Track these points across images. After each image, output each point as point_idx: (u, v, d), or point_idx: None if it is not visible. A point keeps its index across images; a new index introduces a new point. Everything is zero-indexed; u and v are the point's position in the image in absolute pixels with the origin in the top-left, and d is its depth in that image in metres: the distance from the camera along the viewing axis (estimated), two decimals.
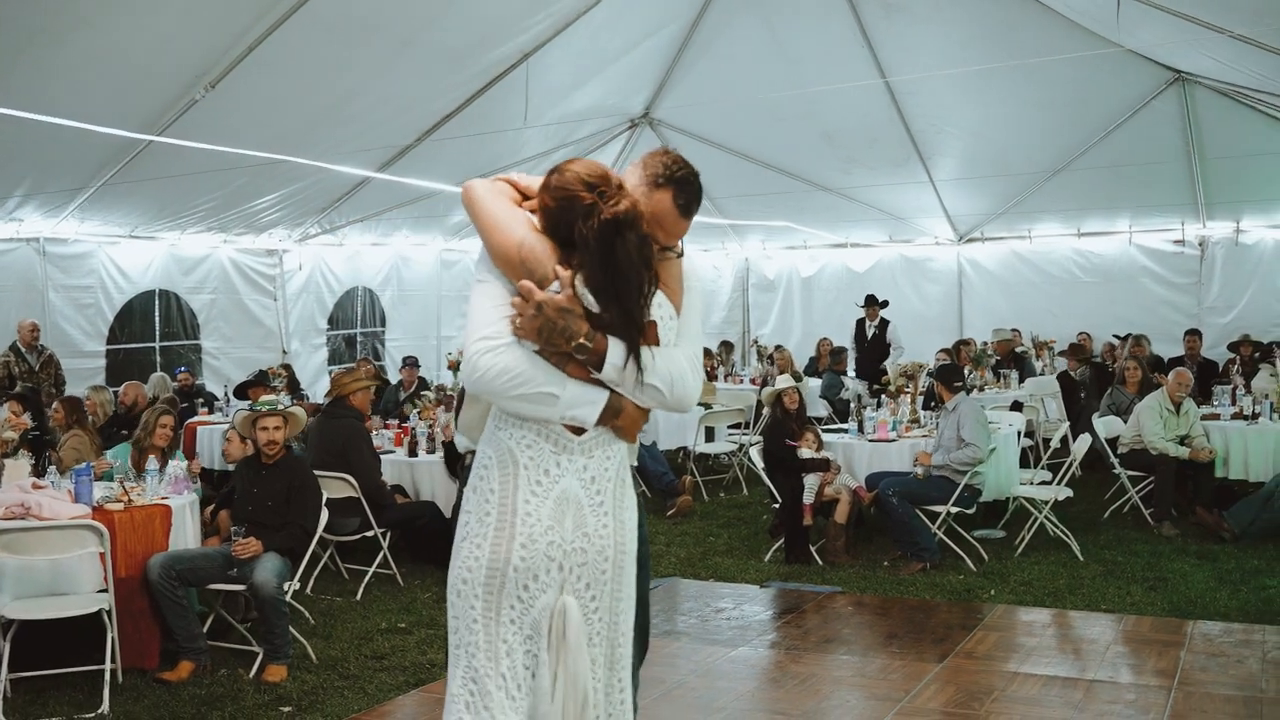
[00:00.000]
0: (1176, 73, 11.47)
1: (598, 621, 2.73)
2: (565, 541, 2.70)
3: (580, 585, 2.71)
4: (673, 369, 2.79)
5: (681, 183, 2.86)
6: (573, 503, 2.73)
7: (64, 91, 8.43)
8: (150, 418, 7.10)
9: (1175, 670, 5.68)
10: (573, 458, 2.75)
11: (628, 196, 2.74)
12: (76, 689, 5.61)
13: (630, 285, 2.70)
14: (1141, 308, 14.44)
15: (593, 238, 2.67)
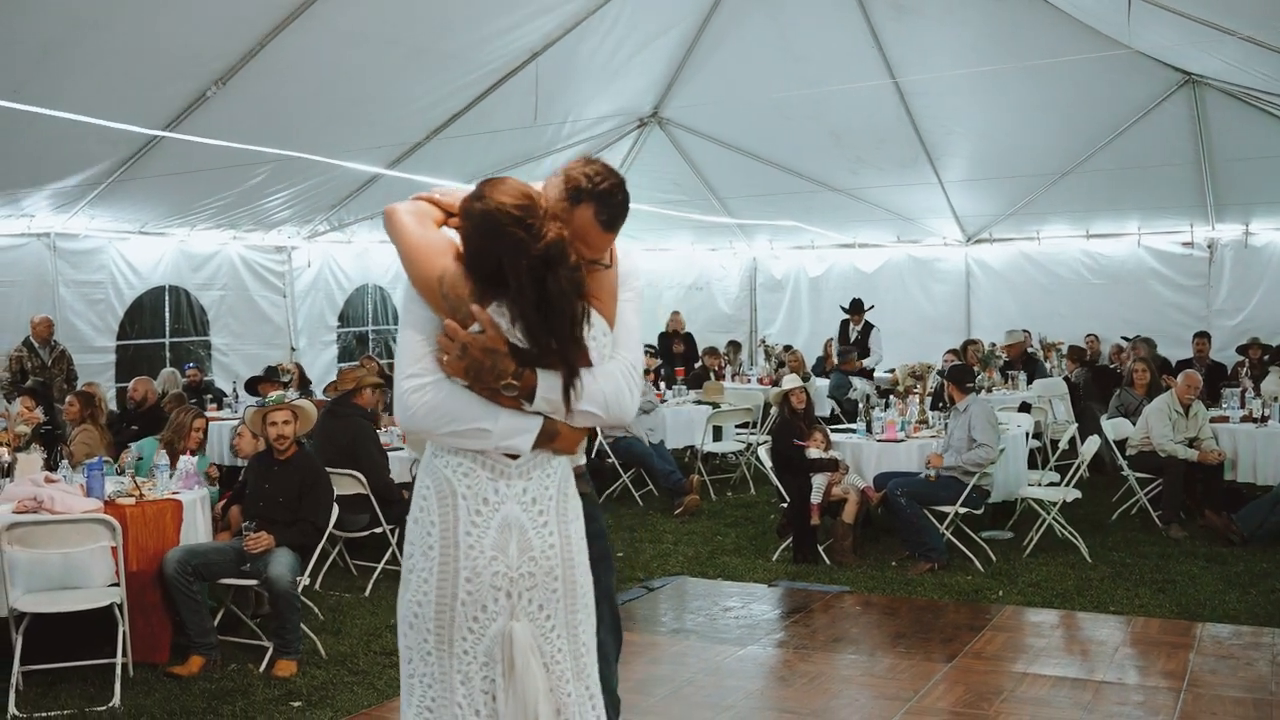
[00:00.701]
0: (1186, 75, 11.45)
1: (557, 639, 2.71)
2: (512, 569, 2.68)
3: (533, 608, 2.70)
4: (606, 389, 2.75)
5: (603, 197, 2.76)
6: (515, 528, 2.70)
7: (76, 88, 8.46)
8: (185, 420, 7.12)
9: (1184, 672, 5.69)
10: (511, 482, 2.73)
11: (554, 225, 2.65)
12: (88, 682, 5.63)
13: (563, 319, 2.65)
14: (1150, 310, 14.41)
15: (522, 277, 2.61)
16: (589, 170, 2.78)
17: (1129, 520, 9.22)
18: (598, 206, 2.74)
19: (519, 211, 2.63)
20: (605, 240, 2.81)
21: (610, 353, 2.78)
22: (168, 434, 7.15)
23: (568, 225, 2.71)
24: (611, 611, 3.16)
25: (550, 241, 2.62)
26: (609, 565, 3.16)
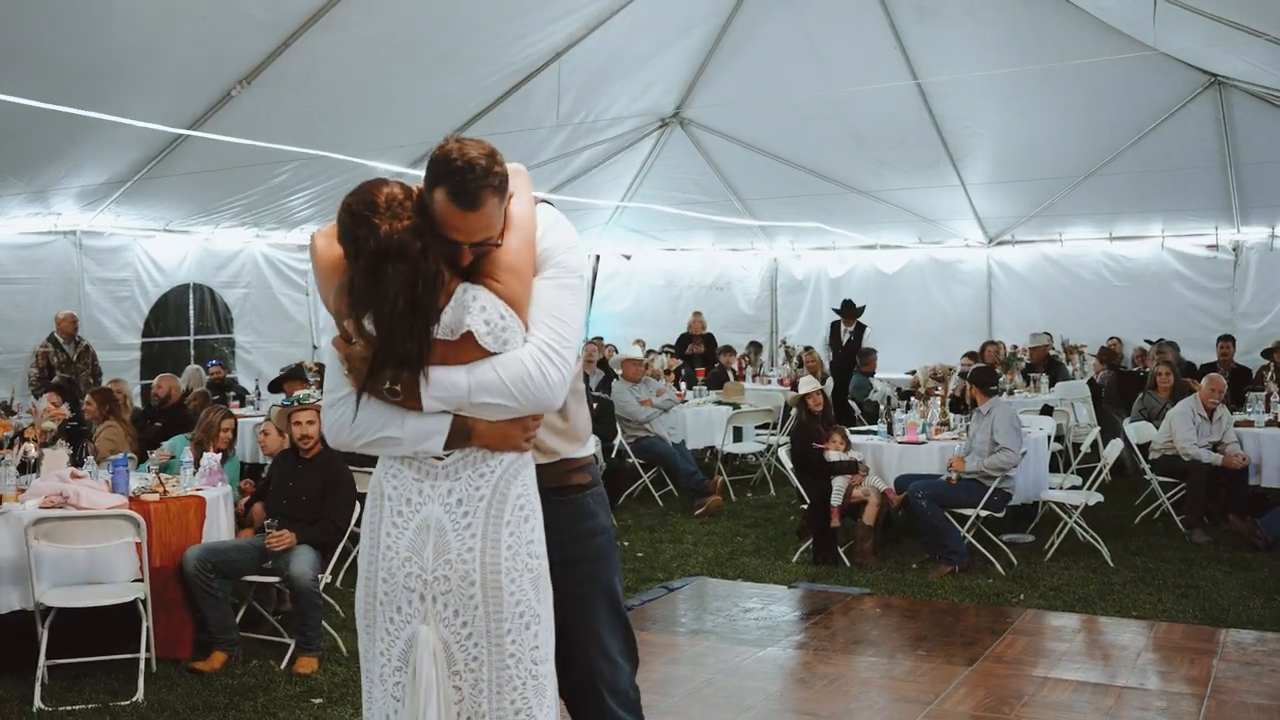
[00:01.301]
0: (1212, 76, 11.39)
1: (473, 647, 2.62)
2: (425, 571, 2.62)
3: (448, 613, 2.61)
4: (508, 374, 2.63)
5: (452, 176, 2.61)
6: (434, 529, 2.63)
7: (102, 86, 8.53)
8: (214, 419, 7.17)
9: (1208, 679, 5.65)
10: (436, 483, 2.67)
11: (392, 219, 2.54)
12: (112, 677, 5.68)
13: (399, 314, 2.53)
14: (1174, 313, 14.32)
15: (360, 276, 2.55)
16: (438, 153, 2.65)
17: (1151, 524, 9.17)
18: (449, 187, 2.60)
19: (359, 207, 2.56)
20: (469, 221, 2.63)
21: (520, 336, 2.66)
22: (198, 433, 7.20)
23: (432, 210, 2.63)
24: (611, 608, 3.03)
25: (383, 235, 2.52)
26: (609, 562, 3.04)
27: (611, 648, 3.03)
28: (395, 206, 2.57)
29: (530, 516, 2.69)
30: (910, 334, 15.72)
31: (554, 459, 2.93)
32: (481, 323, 2.62)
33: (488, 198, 2.63)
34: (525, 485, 2.70)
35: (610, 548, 3.05)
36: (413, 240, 2.54)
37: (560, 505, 2.93)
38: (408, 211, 2.57)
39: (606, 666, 3.03)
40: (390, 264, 2.52)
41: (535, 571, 2.67)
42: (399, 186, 2.62)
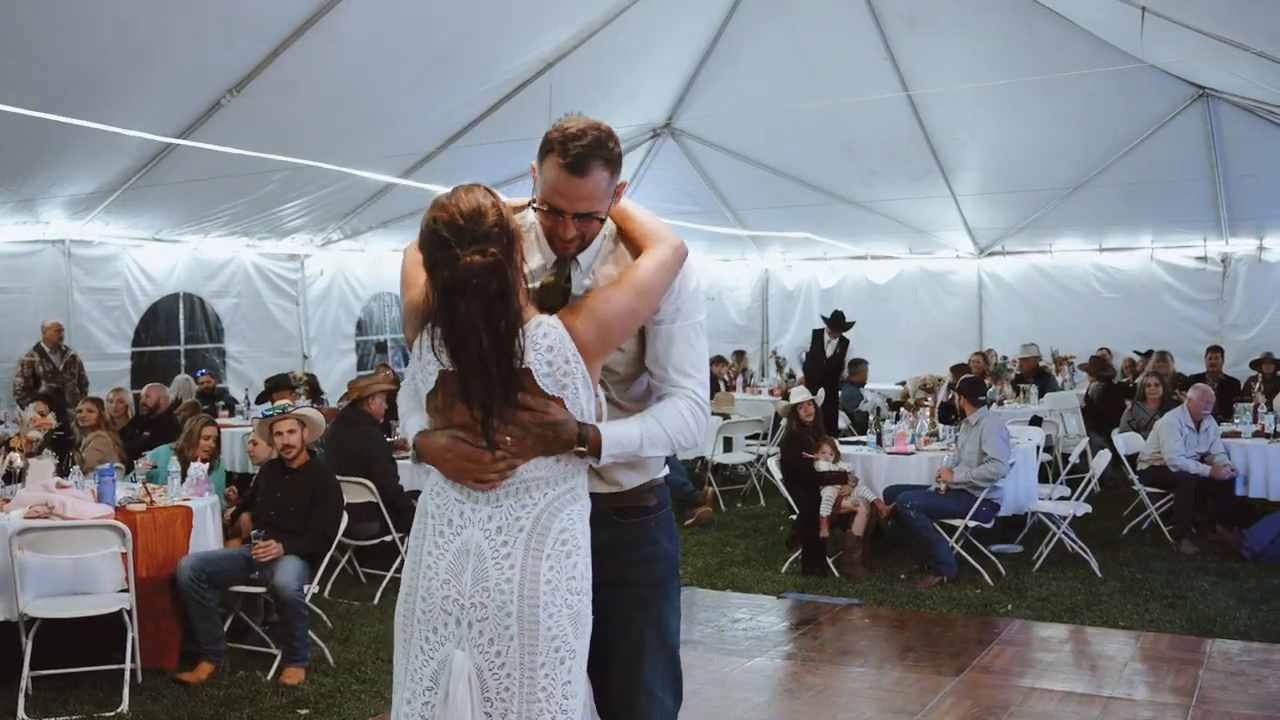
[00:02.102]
0: (1200, 89, 11.45)
1: (505, 678, 2.56)
2: (463, 596, 2.57)
3: (484, 640, 2.57)
4: (672, 428, 2.75)
5: (564, 143, 2.64)
6: (474, 555, 2.58)
7: (91, 94, 8.52)
8: (195, 427, 7.17)
9: (1194, 689, 5.66)
10: (478, 507, 2.61)
11: (474, 246, 2.48)
12: (97, 688, 5.66)
13: (469, 350, 2.49)
14: (1163, 324, 14.38)
15: (435, 298, 2.53)
16: (558, 124, 2.69)
17: (1140, 535, 9.19)
18: (560, 153, 2.62)
19: (442, 224, 2.51)
20: (575, 187, 2.64)
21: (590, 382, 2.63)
22: (181, 441, 7.19)
23: (542, 185, 2.65)
24: (659, 639, 2.91)
25: (461, 268, 2.46)
26: (664, 591, 2.92)
27: (653, 680, 2.91)
28: (479, 227, 2.49)
29: (574, 552, 2.61)
30: (901, 345, 15.77)
31: (617, 489, 2.87)
32: (545, 363, 2.56)
33: (595, 168, 2.65)
34: (571, 519, 2.63)
35: (668, 577, 2.95)
36: (489, 278, 2.46)
37: (622, 527, 2.86)
38: (491, 234, 2.49)
39: (644, 698, 2.91)
40: (464, 300, 2.47)
41: (575, 608, 2.60)
42: (488, 198, 2.56)
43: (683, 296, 2.80)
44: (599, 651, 2.77)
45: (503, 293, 2.48)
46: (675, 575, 2.98)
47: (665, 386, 2.81)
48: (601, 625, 2.81)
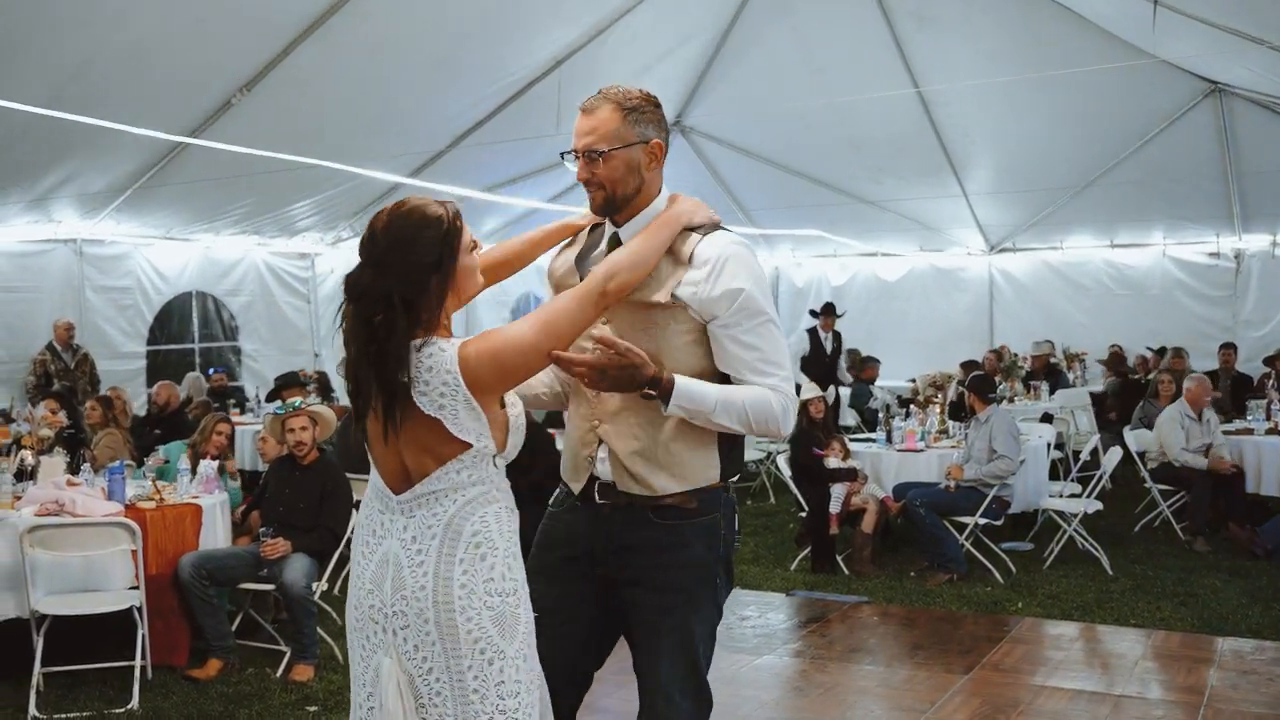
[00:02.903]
0: (1213, 84, 11.39)
1: (435, 682, 2.61)
2: (386, 604, 2.63)
3: (409, 648, 2.61)
4: (754, 408, 2.78)
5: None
6: (392, 564, 2.63)
7: (102, 94, 8.55)
8: (209, 423, 7.18)
9: (1205, 687, 5.63)
10: (395, 518, 2.66)
11: (366, 269, 2.60)
12: (107, 684, 5.68)
13: (349, 352, 2.62)
14: (1175, 321, 14.33)
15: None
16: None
17: (1151, 532, 9.15)
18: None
19: (363, 237, 2.67)
20: (580, 123, 2.87)
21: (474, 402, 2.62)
22: (195, 436, 7.21)
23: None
24: (681, 644, 2.88)
25: (349, 278, 2.64)
26: (692, 598, 2.87)
27: (670, 684, 2.89)
28: (375, 250, 2.59)
29: (489, 554, 2.62)
30: (911, 342, 15.73)
31: (650, 493, 2.85)
32: (423, 382, 2.58)
33: (603, 107, 2.84)
34: (485, 522, 2.64)
35: (699, 584, 2.88)
36: (366, 298, 2.56)
37: (657, 528, 2.85)
38: (385, 260, 2.58)
39: (661, 701, 2.90)
40: (351, 307, 2.60)
41: (497, 609, 2.61)
42: (422, 223, 2.60)
43: (740, 300, 2.78)
44: (632, 647, 2.87)
45: (384, 311, 2.54)
46: (709, 584, 2.90)
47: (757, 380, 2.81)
48: (629, 622, 2.89)
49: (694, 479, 2.85)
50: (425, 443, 2.61)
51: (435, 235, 2.60)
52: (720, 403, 2.73)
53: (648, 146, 2.85)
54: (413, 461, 2.64)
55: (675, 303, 2.79)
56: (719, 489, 2.91)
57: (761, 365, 2.78)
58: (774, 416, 2.77)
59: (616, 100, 2.84)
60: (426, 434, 2.60)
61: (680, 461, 2.85)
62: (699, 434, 2.85)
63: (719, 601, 2.95)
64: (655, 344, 2.80)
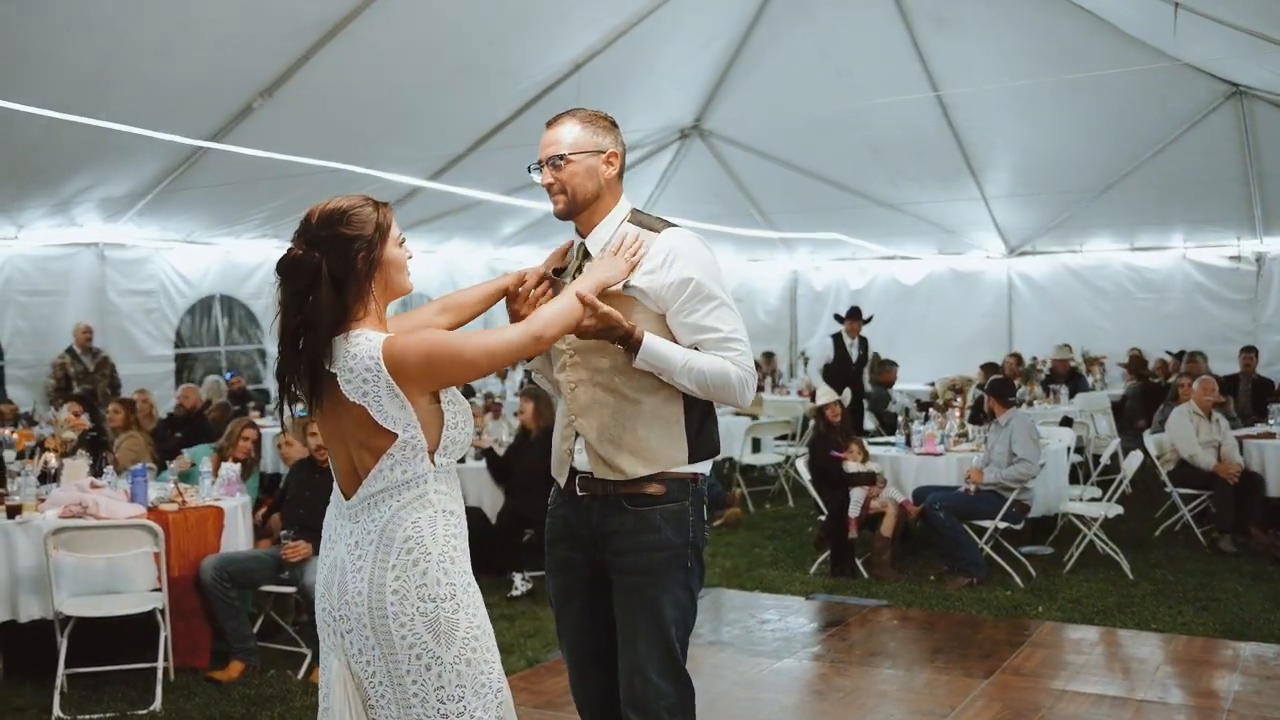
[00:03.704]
0: (1234, 86, 11.33)
1: (379, 685, 2.68)
2: (334, 609, 2.71)
3: (355, 650, 2.69)
4: (711, 372, 3.02)
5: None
6: (339, 569, 2.71)
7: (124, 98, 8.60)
8: (236, 429, 7.22)
9: (1228, 693, 5.60)
10: (344, 524, 2.74)
11: (300, 246, 2.74)
12: (130, 686, 5.72)
13: (280, 327, 2.74)
14: (1196, 324, 14.26)
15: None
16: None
17: (1172, 537, 9.11)
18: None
19: (301, 221, 2.84)
20: (545, 136, 3.17)
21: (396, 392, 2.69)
22: (223, 441, 7.25)
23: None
24: (654, 624, 3.07)
25: (284, 255, 2.78)
26: (662, 578, 3.07)
27: (647, 663, 3.06)
28: (311, 228, 2.72)
29: (421, 560, 2.66)
30: (930, 345, 15.70)
31: (620, 477, 3.09)
32: (348, 369, 2.66)
33: (566, 122, 3.15)
34: (418, 528, 2.68)
35: (669, 567, 3.09)
36: (298, 271, 2.67)
37: (626, 513, 3.09)
38: (320, 238, 2.70)
39: (638, 679, 3.07)
40: (282, 283, 2.70)
41: (431, 615, 2.65)
42: (350, 210, 2.74)
43: (690, 288, 3.04)
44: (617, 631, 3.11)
45: (310, 288, 2.66)
46: (680, 567, 3.11)
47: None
48: (614, 607, 3.13)
49: (661, 461, 3.09)
50: (358, 435, 2.68)
51: (363, 216, 2.73)
52: (683, 365, 3.00)
53: (604, 155, 3.14)
54: (356, 456, 2.71)
55: (630, 293, 3.05)
56: (688, 479, 3.14)
57: (721, 343, 3.05)
58: (730, 385, 3.03)
59: (577, 116, 3.16)
60: (357, 427, 2.67)
61: (647, 445, 3.08)
62: (664, 420, 3.10)
63: (690, 586, 3.14)
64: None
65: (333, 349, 2.67)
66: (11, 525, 5.75)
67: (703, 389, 3.02)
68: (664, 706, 3.07)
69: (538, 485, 7.75)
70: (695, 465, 3.15)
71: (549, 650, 6.40)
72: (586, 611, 3.23)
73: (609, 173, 3.15)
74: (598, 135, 3.13)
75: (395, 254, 2.77)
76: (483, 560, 8.01)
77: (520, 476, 7.92)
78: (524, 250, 16.35)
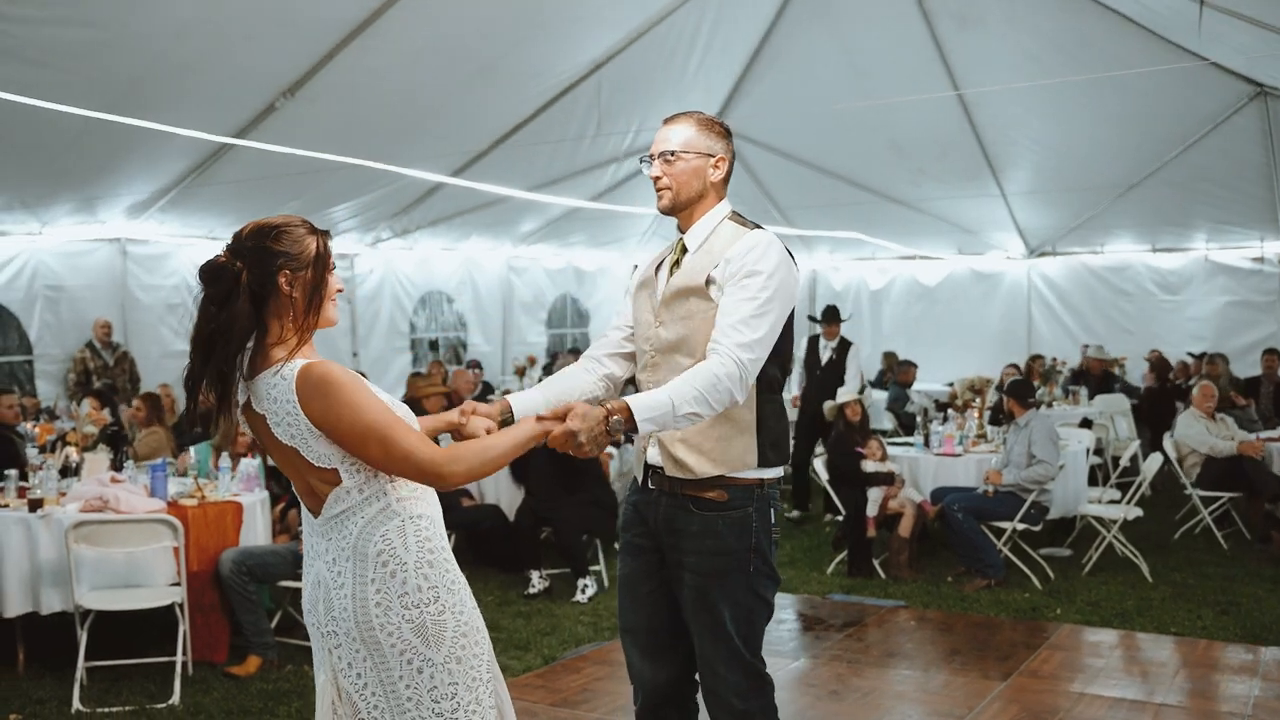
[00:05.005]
0: (1259, 86, 11.24)
1: (371, 696, 2.70)
2: (320, 625, 2.73)
3: (344, 665, 2.71)
4: (702, 384, 2.97)
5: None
6: (322, 586, 2.72)
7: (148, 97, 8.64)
8: (229, 424, 7.21)
9: (1247, 697, 5.57)
10: (317, 540, 2.75)
11: (226, 253, 2.71)
12: (149, 679, 5.75)
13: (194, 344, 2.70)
14: (1217, 326, 14.17)
15: None
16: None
17: (1192, 540, 9.05)
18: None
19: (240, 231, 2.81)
20: (662, 133, 3.30)
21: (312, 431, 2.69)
22: (219, 439, 7.27)
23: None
24: (713, 623, 3.20)
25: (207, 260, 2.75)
26: (724, 583, 3.18)
27: (715, 658, 3.23)
28: (240, 239, 2.70)
29: (398, 570, 2.67)
30: (950, 346, 15.65)
31: (689, 476, 3.17)
32: (273, 412, 2.64)
33: (682, 121, 3.26)
34: (388, 540, 2.68)
35: (730, 570, 3.18)
36: (216, 276, 2.64)
37: (691, 515, 3.20)
38: (245, 248, 2.67)
39: (708, 673, 3.27)
40: (202, 287, 2.66)
41: (418, 620, 2.67)
42: (285, 229, 2.73)
43: (730, 267, 3.11)
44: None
45: (230, 293, 2.62)
46: (741, 571, 3.20)
47: (710, 345, 3.05)
48: (678, 598, 3.26)
49: (729, 463, 3.16)
50: (303, 468, 2.68)
51: (294, 236, 2.71)
52: (675, 399, 2.92)
53: (714, 159, 3.26)
54: (309, 483, 2.71)
55: (708, 286, 3.15)
56: (753, 485, 3.20)
57: (732, 326, 3.03)
58: (722, 385, 2.96)
59: (693, 117, 3.27)
60: (300, 461, 2.66)
61: (718, 447, 3.15)
62: (736, 423, 3.15)
63: (754, 587, 3.23)
64: (690, 328, 3.16)
65: (256, 387, 2.66)
66: (33, 519, 5.81)
67: (706, 406, 2.96)
68: (734, 694, 3.24)
69: (550, 485, 7.83)
70: (763, 470, 3.22)
71: (565, 648, 6.42)
72: (652, 596, 3.35)
73: (715, 176, 3.28)
74: (710, 139, 3.25)
75: (324, 281, 2.76)
76: (500, 558, 8.09)
77: (533, 476, 7.95)
78: (542, 248, 16.39)
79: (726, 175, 3.30)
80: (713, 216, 3.28)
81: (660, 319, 3.24)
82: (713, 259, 3.17)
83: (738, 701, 3.24)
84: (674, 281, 3.24)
